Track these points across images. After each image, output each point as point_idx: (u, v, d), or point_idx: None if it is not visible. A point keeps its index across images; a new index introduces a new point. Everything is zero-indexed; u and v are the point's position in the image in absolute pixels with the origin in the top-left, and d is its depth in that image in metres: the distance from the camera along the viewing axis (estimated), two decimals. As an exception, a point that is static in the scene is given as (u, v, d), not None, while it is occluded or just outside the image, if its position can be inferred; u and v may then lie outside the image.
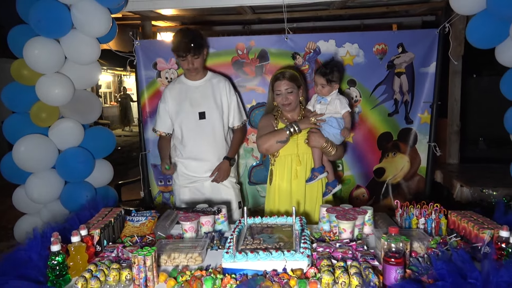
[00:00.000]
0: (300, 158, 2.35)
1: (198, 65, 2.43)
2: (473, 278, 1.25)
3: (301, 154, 2.35)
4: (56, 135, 2.57)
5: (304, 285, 1.39)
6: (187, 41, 2.34)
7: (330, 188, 2.38)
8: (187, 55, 2.36)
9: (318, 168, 2.33)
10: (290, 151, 2.35)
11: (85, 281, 1.44)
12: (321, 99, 2.33)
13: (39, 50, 2.37)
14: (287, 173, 2.38)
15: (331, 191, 2.37)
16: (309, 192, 2.39)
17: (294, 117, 2.42)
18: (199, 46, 2.37)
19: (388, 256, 1.38)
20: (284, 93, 2.33)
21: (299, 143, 2.35)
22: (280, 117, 2.43)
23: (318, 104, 2.32)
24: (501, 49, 2.33)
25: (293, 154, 2.35)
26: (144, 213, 2.11)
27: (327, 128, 2.26)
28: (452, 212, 1.91)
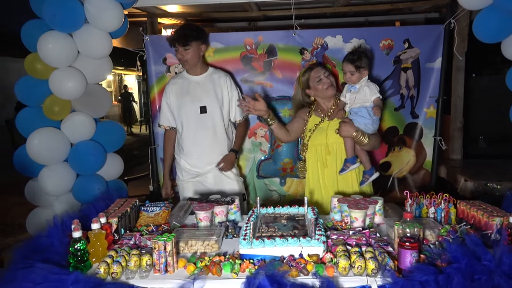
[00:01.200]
0: (329, 148, 2.39)
1: (188, 57, 2.46)
2: (487, 260, 1.29)
3: (330, 144, 2.38)
4: (68, 128, 2.61)
5: (322, 270, 1.43)
6: (178, 32, 2.43)
7: (367, 176, 2.37)
8: (176, 44, 2.42)
9: (350, 159, 2.34)
10: (319, 141, 2.40)
11: (107, 266, 1.48)
12: (350, 87, 2.33)
13: (53, 44, 2.40)
14: (319, 163, 2.42)
15: (367, 179, 2.37)
16: (342, 183, 2.41)
17: (328, 107, 2.44)
18: (188, 37, 2.42)
19: (403, 241, 1.42)
20: (324, 76, 2.38)
21: (328, 133, 2.38)
22: (314, 109, 2.47)
23: (348, 93, 2.33)
24: (507, 43, 2.37)
25: (323, 144, 2.39)
26: (157, 204, 2.15)
27: (358, 118, 2.27)
28: (461, 201, 1.95)
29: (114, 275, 1.46)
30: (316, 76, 2.39)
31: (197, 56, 2.50)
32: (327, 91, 2.38)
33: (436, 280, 1.25)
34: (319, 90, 2.40)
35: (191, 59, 2.48)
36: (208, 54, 2.94)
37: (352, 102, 2.31)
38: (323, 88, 2.38)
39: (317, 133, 2.41)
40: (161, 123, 2.70)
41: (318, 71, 2.40)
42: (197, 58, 2.51)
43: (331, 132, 2.37)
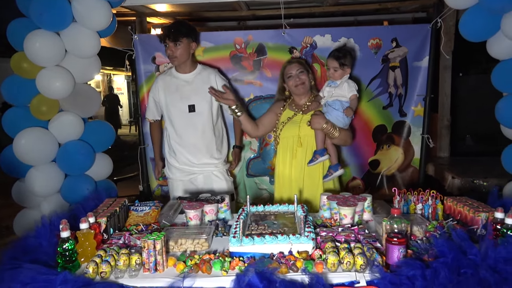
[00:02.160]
0: (301, 140, 2.41)
1: (178, 53, 2.46)
2: (473, 254, 1.31)
3: (303, 136, 2.41)
4: (56, 128, 2.58)
5: (311, 266, 1.44)
6: (169, 28, 2.44)
7: (331, 171, 2.39)
8: (167, 40, 2.43)
9: (319, 150, 2.36)
10: (291, 133, 2.43)
11: (96, 265, 1.47)
12: (331, 83, 2.38)
13: (40, 43, 2.37)
14: (289, 154, 2.44)
15: (332, 174, 2.38)
16: (309, 178, 2.44)
17: (303, 103, 2.48)
18: (178, 33, 2.42)
19: (390, 236, 1.44)
20: (296, 74, 2.42)
21: (301, 125, 2.41)
22: (289, 104, 2.51)
23: (327, 87, 2.38)
24: (492, 42, 2.41)
25: (295, 136, 2.42)
26: (147, 203, 2.14)
27: (331, 111, 2.31)
28: (448, 198, 1.98)
29: (103, 275, 1.45)
30: (289, 72, 2.44)
31: (187, 54, 2.50)
32: (297, 89, 2.44)
33: (423, 275, 1.27)
34: (290, 87, 2.47)
35: (180, 55, 2.48)
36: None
37: (329, 96, 2.36)
38: (293, 85, 2.43)
39: (289, 125, 2.45)
40: (146, 116, 2.76)
41: (292, 67, 2.45)
42: (187, 56, 2.51)
43: (304, 125, 2.42)
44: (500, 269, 1.29)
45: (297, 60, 2.50)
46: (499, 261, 1.30)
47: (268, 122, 2.52)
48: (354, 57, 2.70)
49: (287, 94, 2.54)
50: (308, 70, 2.49)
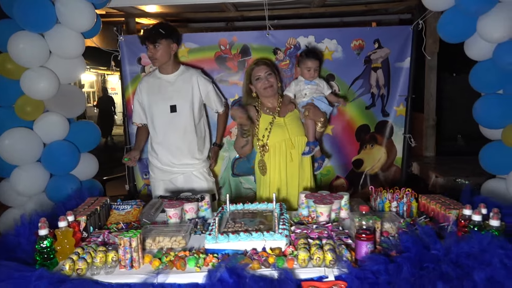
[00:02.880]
0: (292, 141, 2.47)
1: (158, 55, 2.49)
2: (436, 249, 1.36)
3: (293, 138, 2.47)
4: (41, 128, 2.60)
5: (282, 262, 1.48)
6: (148, 30, 2.47)
7: (320, 161, 2.51)
8: (147, 42, 2.46)
9: (313, 142, 2.47)
10: (281, 137, 2.46)
11: (73, 262, 1.50)
12: (308, 82, 2.46)
13: (24, 44, 2.39)
14: (282, 159, 2.47)
15: (321, 165, 2.51)
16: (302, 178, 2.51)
17: (274, 104, 2.53)
18: (156, 35, 2.45)
19: (359, 233, 1.49)
20: (264, 76, 2.45)
21: (288, 128, 2.47)
22: (261, 108, 2.53)
23: (308, 85, 2.46)
24: (469, 44, 2.46)
25: (286, 139, 2.46)
26: (129, 202, 2.18)
27: (319, 104, 2.41)
28: (422, 195, 2.03)
29: (79, 271, 1.48)
30: (257, 74, 2.47)
31: (167, 55, 2.53)
32: (265, 91, 2.47)
33: (386, 269, 1.31)
34: (258, 89, 2.50)
35: (160, 57, 2.51)
36: (183, 54, 2.96)
37: (312, 92, 2.46)
38: (261, 87, 2.46)
39: (276, 130, 2.47)
40: (133, 121, 2.76)
41: (260, 69, 2.47)
42: (167, 57, 2.53)
43: (291, 127, 2.48)
44: (462, 263, 1.33)
45: (264, 62, 2.52)
46: (461, 256, 1.35)
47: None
48: (321, 55, 2.84)
49: (254, 95, 2.56)
50: (275, 72, 2.53)
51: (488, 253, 1.34)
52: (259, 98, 2.56)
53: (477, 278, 1.30)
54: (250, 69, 2.53)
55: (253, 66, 2.52)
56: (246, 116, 2.37)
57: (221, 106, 2.76)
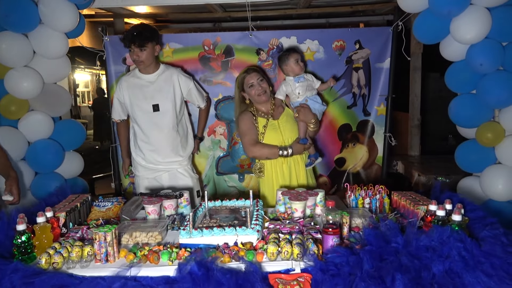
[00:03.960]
0: (286, 144, 2.51)
1: (144, 58, 2.52)
2: (396, 242, 1.42)
3: (286, 140, 2.52)
4: (26, 127, 2.65)
5: (252, 256, 1.53)
6: (133, 33, 2.48)
7: (313, 158, 2.57)
8: (132, 45, 2.48)
9: (314, 154, 2.58)
10: (276, 139, 2.50)
11: (49, 256, 1.54)
12: (297, 79, 2.50)
13: (7, 44, 2.44)
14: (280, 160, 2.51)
15: (314, 161, 2.57)
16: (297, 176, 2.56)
17: (268, 108, 2.57)
18: (143, 39, 2.47)
19: (326, 227, 1.54)
20: (257, 83, 2.49)
21: (281, 130, 2.52)
22: (256, 113, 2.57)
23: (299, 83, 2.49)
24: (444, 45, 2.53)
25: (280, 142, 2.50)
26: (110, 199, 2.22)
27: (314, 105, 2.46)
28: (394, 192, 2.09)
29: (55, 265, 1.53)
30: (249, 82, 2.50)
31: (152, 57, 2.57)
32: (259, 98, 2.51)
33: (348, 261, 1.37)
34: (252, 96, 2.53)
35: (146, 59, 2.54)
36: (167, 55, 3.01)
37: (304, 90, 2.49)
38: (255, 94, 2.50)
39: (270, 132, 2.51)
40: (113, 117, 2.82)
41: (252, 77, 2.50)
42: (152, 59, 2.58)
43: (284, 129, 2.53)
44: (421, 256, 1.39)
45: (253, 69, 2.55)
46: (420, 249, 1.41)
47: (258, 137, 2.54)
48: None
49: (248, 102, 2.60)
50: (266, 77, 2.59)
51: (447, 246, 1.40)
52: (252, 105, 2.59)
53: (435, 270, 1.35)
54: (241, 77, 2.55)
55: (244, 74, 2.54)
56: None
57: (203, 101, 2.82)
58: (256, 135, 2.50)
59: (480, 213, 1.77)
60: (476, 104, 2.47)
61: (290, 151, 2.44)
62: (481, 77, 2.39)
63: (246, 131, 2.52)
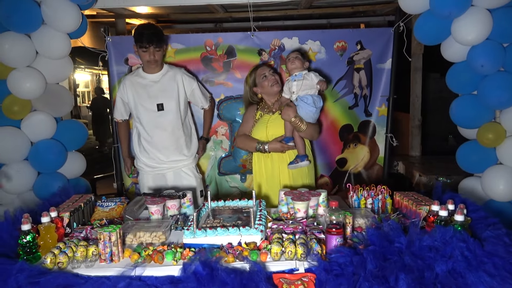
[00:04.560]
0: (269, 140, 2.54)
1: (158, 58, 2.57)
2: (399, 242, 1.43)
3: (270, 136, 2.55)
4: (28, 127, 2.65)
5: (256, 255, 1.54)
6: (150, 33, 2.50)
7: (298, 160, 2.50)
8: (150, 46, 2.50)
9: (301, 156, 2.51)
10: (260, 134, 2.57)
11: (54, 256, 1.55)
12: (295, 77, 2.48)
13: (10, 45, 2.44)
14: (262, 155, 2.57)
15: (298, 162, 2.49)
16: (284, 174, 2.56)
17: (273, 103, 2.61)
18: (161, 39, 2.55)
19: (329, 227, 1.55)
20: (269, 73, 2.56)
21: (268, 125, 2.56)
22: (261, 108, 2.63)
23: (295, 82, 2.47)
24: (445, 46, 2.54)
25: (263, 137, 2.56)
26: (113, 199, 2.23)
27: (303, 105, 2.42)
28: (396, 192, 2.10)
29: (60, 265, 1.54)
30: (262, 73, 2.57)
31: (163, 57, 2.66)
32: (273, 88, 2.56)
33: (351, 261, 1.38)
34: (265, 87, 2.57)
35: (160, 59, 2.61)
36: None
37: (298, 89, 2.45)
38: (269, 84, 2.56)
39: (258, 126, 2.60)
40: (115, 116, 2.83)
41: (263, 69, 2.59)
42: (162, 58, 2.67)
43: (271, 125, 2.55)
44: (424, 256, 1.40)
45: (264, 64, 2.65)
46: (423, 249, 1.42)
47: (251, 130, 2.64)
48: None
49: (260, 97, 2.65)
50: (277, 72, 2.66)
51: (449, 246, 1.42)
52: (262, 101, 2.65)
53: (438, 270, 1.36)
54: (252, 74, 2.64)
55: (254, 69, 2.64)
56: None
57: (207, 102, 2.84)
58: (248, 128, 2.63)
59: (482, 213, 1.79)
60: (477, 105, 2.48)
61: (266, 146, 2.49)
62: (482, 78, 2.40)
63: (242, 123, 2.71)
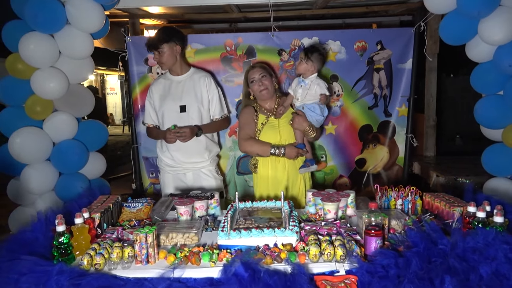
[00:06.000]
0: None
1: (163, 59, 2.57)
2: (443, 244, 1.41)
3: (283, 141, 2.50)
4: (50, 128, 2.65)
5: (294, 257, 1.53)
6: (153, 37, 2.53)
7: (308, 163, 2.48)
8: (154, 50, 2.55)
9: (310, 160, 2.49)
10: (273, 138, 2.49)
11: (90, 258, 1.54)
12: (301, 82, 2.45)
13: (35, 45, 2.44)
14: (272, 159, 2.50)
15: (308, 166, 2.47)
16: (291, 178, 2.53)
17: (271, 106, 2.56)
18: (158, 42, 2.52)
19: (368, 229, 1.54)
20: (258, 78, 2.49)
21: (280, 130, 2.50)
22: (259, 109, 2.57)
23: (300, 89, 2.45)
24: (470, 46, 2.53)
25: (276, 142, 2.49)
26: (139, 200, 2.22)
27: (311, 114, 2.41)
28: (426, 193, 2.09)
29: (97, 266, 1.53)
30: (252, 77, 2.51)
31: (173, 57, 2.59)
32: (261, 94, 2.50)
33: (396, 263, 1.36)
34: (254, 91, 2.53)
35: (166, 60, 2.58)
36: (189, 55, 3.01)
37: (303, 98, 2.44)
38: (257, 90, 2.50)
39: (268, 130, 2.50)
40: (145, 121, 2.78)
41: (254, 72, 2.51)
42: (173, 59, 2.60)
43: (283, 129, 2.50)
44: (468, 258, 1.39)
45: (259, 65, 2.56)
46: (467, 251, 1.40)
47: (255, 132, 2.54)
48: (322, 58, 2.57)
49: (252, 98, 2.60)
50: (271, 74, 2.56)
51: (493, 248, 1.40)
52: (256, 101, 2.59)
53: (482, 272, 1.35)
54: (247, 72, 2.57)
55: (249, 69, 2.56)
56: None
57: (219, 114, 2.74)
58: (252, 131, 2.52)
59: (519, 214, 1.77)
60: (503, 105, 2.47)
61: (283, 151, 2.42)
62: (509, 78, 2.39)
63: (243, 126, 2.55)
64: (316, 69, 2.44)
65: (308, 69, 2.42)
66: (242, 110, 2.61)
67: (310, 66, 2.41)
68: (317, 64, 2.43)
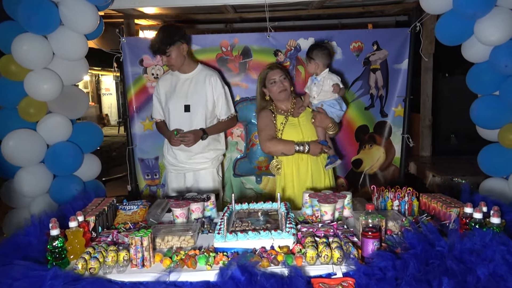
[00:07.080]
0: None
1: (173, 62, 2.55)
2: (440, 246, 1.41)
3: (306, 139, 2.51)
4: (44, 130, 2.62)
5: (291, 260, 1.52)
6: (156, 41, 2.50)
7: (332, 159, 2.53)
8: (158, 54, 2.54)
9: (333, 156, 2.54)
10: (295, 137, 2.51)
11: (85, 262, 1.53)
12: (314, 79, 2.49)
13: (28, 46, 2.41)
14: (294, 158, 2.51)
15: (333, 161, 2.52)
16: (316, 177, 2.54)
17: (287, 107, 2.59)
18: (164, 46, 2.48)
19: (365, 231, 1.53)
20: (279, 80, 2.51)
21: (302, 128, 2.52)
22: (276, 110, 2.58)
23: (314, 86, 2.49)
24: (466, 46, 2.53)
25: (299, 140, 2.50)
26: (135, 202, 2.20)
27: (332, 110, 2.45)
28: (423, 194, 2.08)
29: (92, 271, 1.51)
30: (272, 78, 2.53)
31: (181, 57, 2.58)
32: (279, 95, 2.53)
33: (393, 265, 1.35)
34: (272, 92, 2.55)
35: (176, 62, 2.56)
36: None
37: (318, 94, 2.48)
38: (276, 91, 2.52)
39: (289, 129, 2.52)
40: (153, 116, 2.81)
41: (275, 73, 2.53)
42: (182, 59, 2.59)
43: (304, 128, 2.52)
44: (465, 259, 1.38)
45: (277, 66, 2.59)
46: (464, 252, 1.40)
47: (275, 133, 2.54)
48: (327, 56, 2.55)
49: (267, 99, 2.62)
50: (289, 76, 2.60)
51: (490, 249, 1.39)
52: (272, 101, 2.61)
53: (480, 274, 1.34)
54: (265, 73, 2.58)
55: (268, 70, 2.57)
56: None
57: (225, 114, 2.73)
58: (273, 131, 2.52)
59: (515, 215, 1.77)
60: (499, 105, 2.47)
61: (307, 147, 2.44)
62: (505, 79, 2.39)
63: (263, 128, 2.55)
64: (324, 65, 2.49)
65: (315, 68, 2.48)
66: (259, 114, 2.62)
67: (315, 64, 2.48)
68: (322, 60, 2.48)
